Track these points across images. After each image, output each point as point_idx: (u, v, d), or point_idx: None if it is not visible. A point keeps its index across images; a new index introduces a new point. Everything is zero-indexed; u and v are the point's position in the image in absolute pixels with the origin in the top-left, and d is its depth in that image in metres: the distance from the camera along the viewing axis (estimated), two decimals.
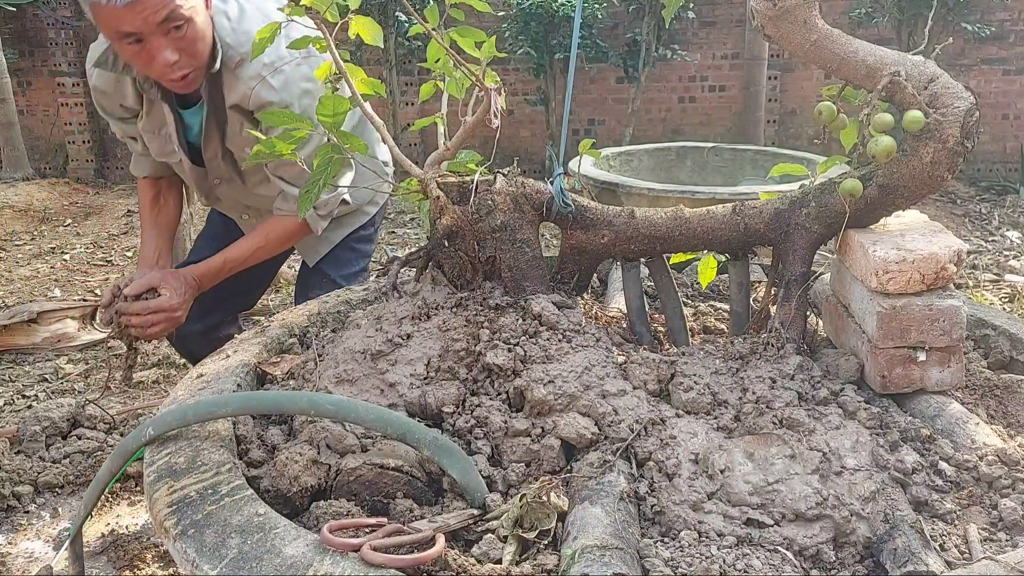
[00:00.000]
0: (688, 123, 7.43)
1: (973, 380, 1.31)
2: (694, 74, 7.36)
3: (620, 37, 6.92)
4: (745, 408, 1.13)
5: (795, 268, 1.32)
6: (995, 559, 0.85)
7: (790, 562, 0.93)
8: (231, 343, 1.50)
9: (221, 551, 0.91)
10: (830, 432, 1.08)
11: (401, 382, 1.22)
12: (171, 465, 1.08)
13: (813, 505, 0.97)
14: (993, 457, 1.07)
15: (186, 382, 1.34)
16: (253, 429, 1.21)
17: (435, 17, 1.40)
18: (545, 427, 1.14)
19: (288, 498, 1.06)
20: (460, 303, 1.33)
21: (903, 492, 1.03)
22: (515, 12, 6.35)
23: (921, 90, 1.20)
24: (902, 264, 1.19)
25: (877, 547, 0.96)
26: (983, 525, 1.00)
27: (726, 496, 1.00)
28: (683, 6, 6.44)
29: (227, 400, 1.14)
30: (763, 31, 1.24)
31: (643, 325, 1.42)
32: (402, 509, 1.02)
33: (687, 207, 1.42)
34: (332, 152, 1.38)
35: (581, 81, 7.17)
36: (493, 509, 1.01)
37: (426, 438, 1.04)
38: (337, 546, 0.88)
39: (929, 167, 1.22)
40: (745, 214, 1.37)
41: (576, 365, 1.20)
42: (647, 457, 1.08)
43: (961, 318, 1.20)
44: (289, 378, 1.37)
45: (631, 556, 0.90)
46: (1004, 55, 6.96)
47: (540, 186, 1.39)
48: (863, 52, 1.23)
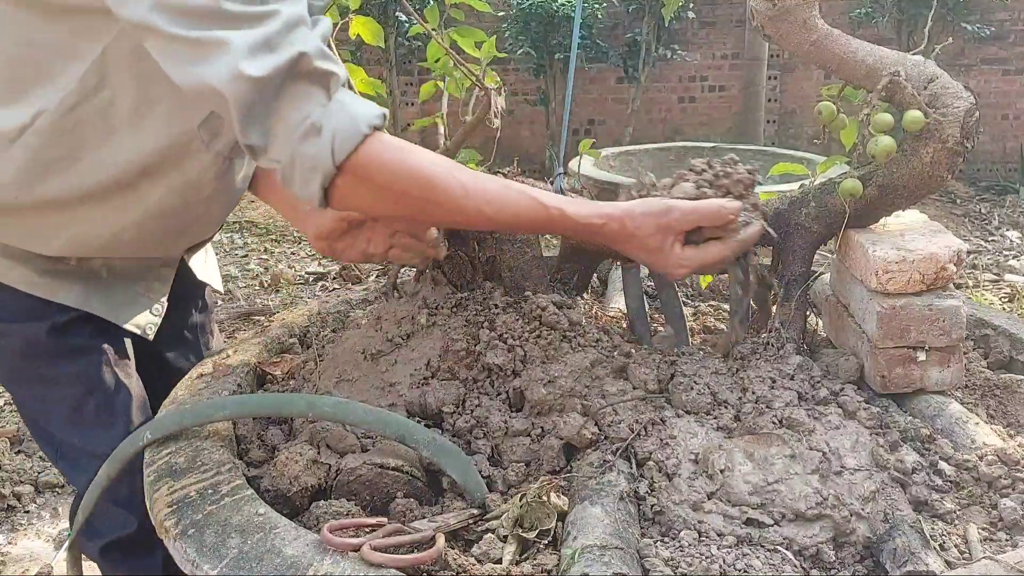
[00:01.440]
0: (688, 123, 7.43)
1: (973, 380, 1.31)
2: (694, 74, 7.37)
3: (620, 37, 6.92)
4: (745, 408, 1.13)
5: (795, 268, 1.32)
6: (995, 559, 0.85)
7: (790, 562, 0.93)
8: (231, 343, 1.50)
9: (221, 551, 0.91)
10: (830, 432, 1.08)
11: (401, 382, 1.22)
12: (171, 465, 1.08)
13: (813, 505, 0.97)
14: (993, 457, 1.07)
15: (186, 382, 1.34)
16: (253, 429, 1.21)
17: (435, 17, 1.40)
18: (545, 427, 1.14)
19: (288, 498, 1.06)
20: (460, 303, 1.33)
21: (903, 492, 1.03)
22: (515, 12, 6.35)
23: (921, 90, 1.20)
24: (902, 264, 1.19)
25: (877, 547, 0.96)
26: (983, 525, 1.00)
27: (726, 496, 1.00)
28: (683, 6, 6.44)
29: (224, 403, 1.14)
30: (763, 31, 1.24)
31: (643, 325, 1.42)
32: (402, 509, 1.02)
33: None
34: None
35: (581, 81, 7.17)
36: (493, 509, 1.01)
37: (425, 439, 1.04)
38: (337, 546, 0.88)
39: (929, 167, 1.22)
40: None
41: (576, 365, 1.20)
42: (647, 457, 1.08)
43: (961, 318, 1.20)
44: (289, 378, 1.37)
45: (631, 556, 0.90)
46: (1004, 55, 6.97)
47: (540, 186, 1.39)
48: (863, 52, 1.23)
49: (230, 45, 0.95)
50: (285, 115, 0.99)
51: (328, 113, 0.99)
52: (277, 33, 0.97)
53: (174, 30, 0.96)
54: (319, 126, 0.99)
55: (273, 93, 0.97)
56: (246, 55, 0.95)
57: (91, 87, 1.11)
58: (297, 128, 0.99)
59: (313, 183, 1.01)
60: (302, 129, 0.99)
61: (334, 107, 1.00)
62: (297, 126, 0.98)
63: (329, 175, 1.00)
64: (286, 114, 0.99)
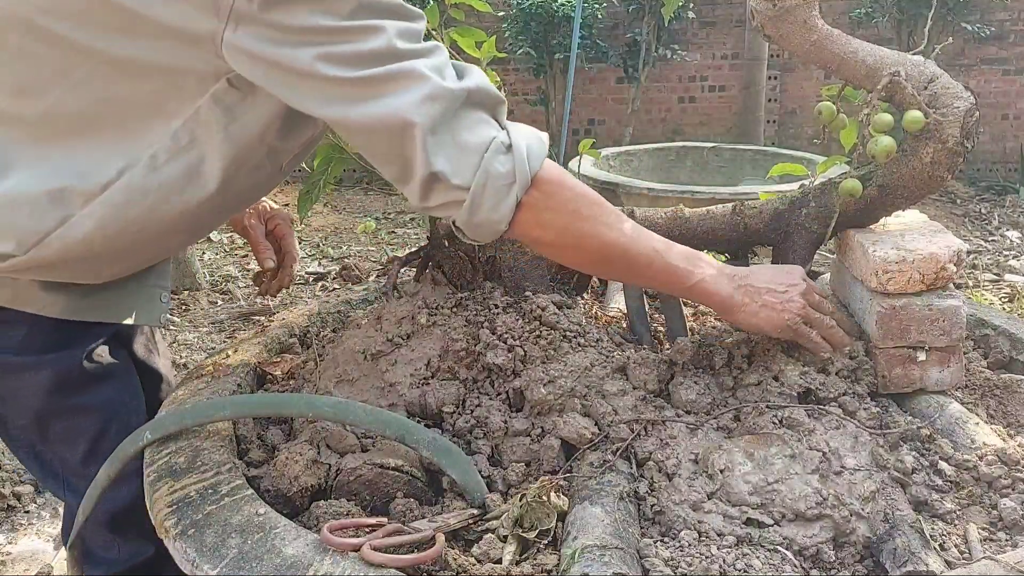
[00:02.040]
0: (688, 123, 7.43)
1: (973, 380, 1.31)
2: (694, 74, 7.36)
3: (620, 37, 6.92)
4: (745, 408, 1.13)
5: None
6: (995, 559, 0.85)
7: (790, 562, 0.93)
8: (231, 343, 1.50)
9: (221, 551, 0.91)
10: (830, 432, 1.08)
11: (401, 382, 1.22)
12: (171, 465, 1.08)
13: (813, 505, 0.97)
14: (993, 457, 1.07)
15: (186, 382, 1.34)
16: (253, 429, 1.21)
17: (435, 17, 1.40)
18: (545, 427, 1.14)
19: (288, 498, 1.06)
20: (460, 303, 1.33)
21: (903, 492, 1.03)
22: (515, 12, 6.35)
23: (921, 90, 1.20)
24: (902, 264, 1.19)
25: (877, 547, 0.96)
26: (983, 525, 1.00)
27: (726, 496, 1.00)
28: (683, 6, 6.45)
29: (224, 403, 1.14)
30: (763, 31, 1.24)
31: (643, 325, 1.42)
32: (402, 509, 1.02)
33: (687, 207, 1.42)
34: (332, 153, 1.38)
35: (581, 81, 7.17)
36: (493, 509, 1.01)
37: (425, 439, 1.04)
38: (337, 546, 0.88)
39: (929, 167, 1.22)
40: (745, 214, 1.37)
41: (576, 365, 1.20)
42: (647, 457, 1.08)
43: (961, 318, 1.20)
44: (289, 378, 1.37)
45: (631, 556, 0.90)
46: (1004, 55, 6.97)
47: None
48: (863, 52, 1.23)
49: (420, 72, 0.99)
50: (466, 140, 1.01)
51: (512, 132, 1.04)
52: (446, 63, 1.03)
53: (347, 74, 0.98)
54: (507, 143, 1.03)
55: (454, 115, 1.01)
56: (437, 77, 1.00)
57: (183, 146, 1.10)
58: (485, 149, 1.02)
59: (508, 200, 1.03)
60: (491, 149, 1.02)
61: (512, 127, 1.05)
62: (484, 147, 1.02)
63: (525, 187, 1.03)
64: (467, 139, 1.01)
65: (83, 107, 1.08)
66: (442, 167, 1.00)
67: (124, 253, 1.19)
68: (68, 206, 1.09)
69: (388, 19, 1.00)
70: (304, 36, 0.97)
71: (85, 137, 1.10)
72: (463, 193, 1.02)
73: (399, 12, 1.02)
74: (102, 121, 1.09)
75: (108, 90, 1.07)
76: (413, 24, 1.02)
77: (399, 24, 1.00)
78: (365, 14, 0.98)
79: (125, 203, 1.11)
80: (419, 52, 1.01)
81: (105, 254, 1.16)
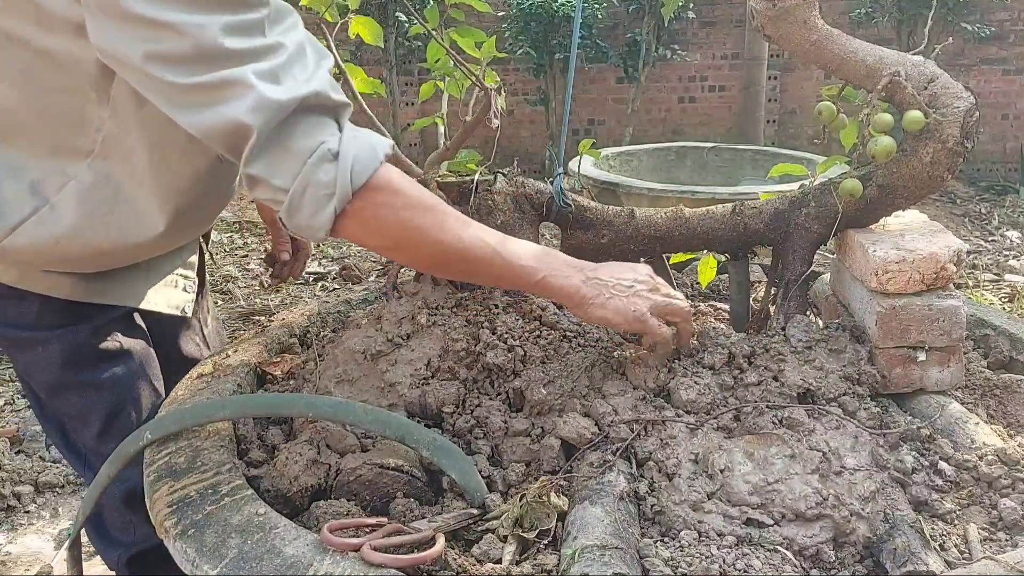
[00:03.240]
0: (688, 123, 7.43)
1: (973, 380, 1.31)
2: (694, 74, 7.36)
3: (620, 37, 6.92)
4: (745, 408, 1.13)
5: (795, 268, 1.32)
6: (995, 559, 0.85)
7: (790, 562, 0.93)
8: (231, 343, 1.50)
9: (221, 551, 0.91)
10: (830, 432, 1.08)
11: (401, 382, 1.22)
12: (171, 465, 1.08)
13: (813, 505, 0.97)
14: (993, 457, 1.07)
15: (186, 382, 1.34)
16: (253, 429, 1.21)
17: (435, 17, 1.40)
18: (545, 427, 1.14)
19: (288, 498, 1.06)
20: (460, 303, 1.33)
21: (903, 492, 1.03)
22: (515, 12, 6.35)
23: (921, 90, 1.20)
24: (902, 264, 1.19)
25: (877, 547, 0.96)
26: (983, 525, 1.00)
27: (726, 496, 1.00)
28: (683, 6, 6.45)
29: (224, 403, 1.15)
30: (763, 31, 1.24)
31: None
32: (402, 509, 1.02)
33: (687, 207, 1.42)
34: None
35: (581, 81, 7.17)
36: (493, 509, 1.01)
37: (425, 439, 1.04)
38: (337, 546, 0.88)
39: (929, 167, 1.22)
40: (745, 214, 1.37)
41: (576, 365, 1.20)
42: (647, 457, 1.08)
43: (961, 318, 1.20)
44: (289, 378, 1.37)
45: (631, 556, 0.90)
46: (1004, 55, 6.97)
47: (540, 186, 1.39)
48: (863, 52, 1.23)
49: (247, 80, 0.96)
50: (294, 144, 1.00)
51: (344, 140, 1.02)
52: (284, 65, 0.99)
53: (177, 79, 0.96)
54: (335, 152, 1.00)
55: (284, 122, 0.99)
56: (265, 85, 0.96)
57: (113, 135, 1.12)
58: (309, 155, 1.00)
59: (326, 209, 1.01)
60: (316, 156, 1.00)
61: (348, 135, 1.02)
62: (309, 153, 1.00)
63: (345, 199, 1.01)
64: (295, 143, 1.00)
65: (38, 101, 1.11)
66: (259, 171, 1.00)
67: (100, 246, 1.21)
68: (41, 198, 1.13)
69: (215, 13, 0.95)
70: (128, 24, 0.94)
71: (51, 128, 1.13)
72: (283, 195, 1.01)
73: (229, 2, 0.96)
74: (57, 111, 1.11)
75: (48, 82, 1.09)
76: (248, 15, 0.97)
77: (226, 19, 0.95)
78: (187, 5, 0.94)
79: (87, 193, 1.14)
80: (249, 53, 0.96)
81: (78, 248, 1.19)
